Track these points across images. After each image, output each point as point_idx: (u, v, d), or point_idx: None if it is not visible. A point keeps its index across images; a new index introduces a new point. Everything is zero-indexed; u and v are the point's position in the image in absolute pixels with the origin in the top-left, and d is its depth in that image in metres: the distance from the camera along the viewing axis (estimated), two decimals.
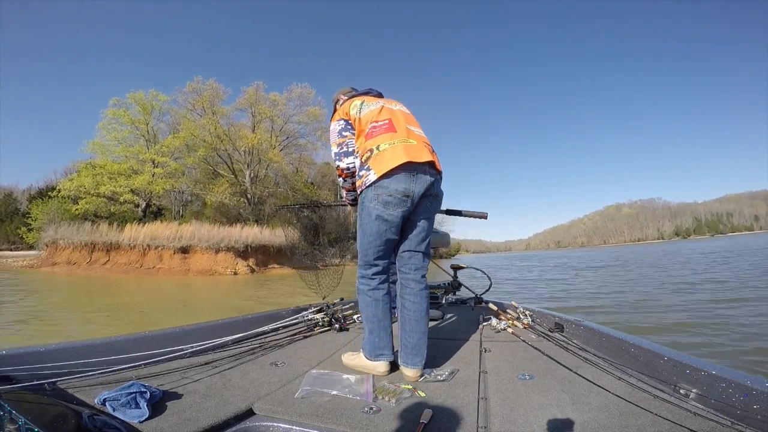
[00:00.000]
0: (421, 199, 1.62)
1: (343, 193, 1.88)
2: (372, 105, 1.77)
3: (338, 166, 1.77)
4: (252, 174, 30.80)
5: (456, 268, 3.20)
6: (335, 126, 1.79)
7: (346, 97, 1.98)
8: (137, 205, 27.31)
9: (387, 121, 1.71)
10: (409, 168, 1.57)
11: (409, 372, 1.54)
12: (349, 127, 1.77)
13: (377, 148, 1.63)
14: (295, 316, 2.53)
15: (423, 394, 1.31)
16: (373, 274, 1.69)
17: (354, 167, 1.75)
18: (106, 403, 1.12)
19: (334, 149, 1.77)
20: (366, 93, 1.90)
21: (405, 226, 1.69)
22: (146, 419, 1.08)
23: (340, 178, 1.81)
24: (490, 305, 2.70)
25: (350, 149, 1.75)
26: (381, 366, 1.60)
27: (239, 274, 20.93)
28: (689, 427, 1.01)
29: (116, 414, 1.08)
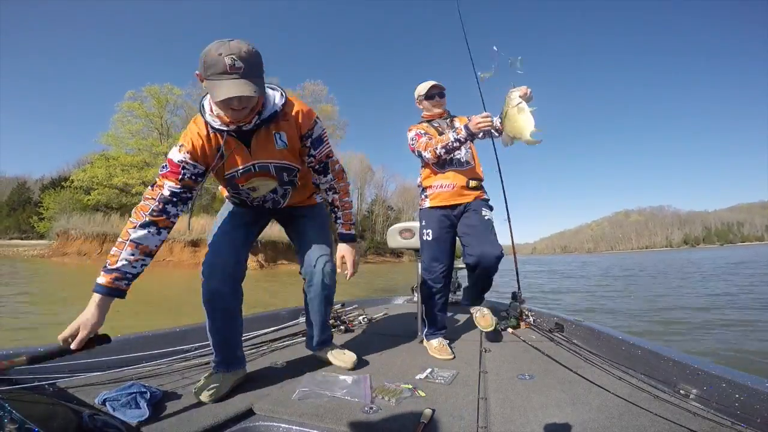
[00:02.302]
0: None
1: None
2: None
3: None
4: None
5: (456, 268, 3.16)
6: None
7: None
8: None
9: None
10: None
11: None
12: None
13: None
14: (294, 317, 2.54)
15: (423, 394, 1.31)
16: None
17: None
18: (107, 403, 1.12)
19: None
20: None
21: None
22: (146, 419, 1.08)
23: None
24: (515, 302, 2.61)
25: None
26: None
27: (248, 269, 21.09)
28: (689, 427, 1.02)
29: (116, 414, 1.08)
